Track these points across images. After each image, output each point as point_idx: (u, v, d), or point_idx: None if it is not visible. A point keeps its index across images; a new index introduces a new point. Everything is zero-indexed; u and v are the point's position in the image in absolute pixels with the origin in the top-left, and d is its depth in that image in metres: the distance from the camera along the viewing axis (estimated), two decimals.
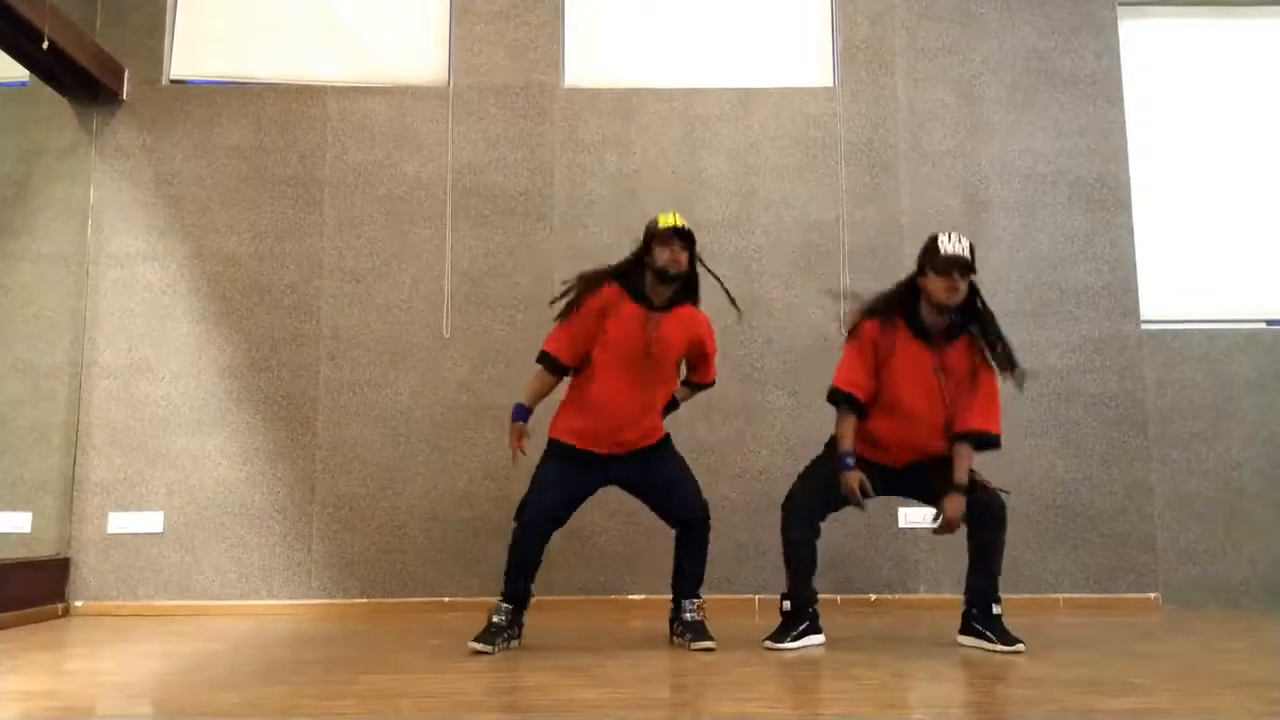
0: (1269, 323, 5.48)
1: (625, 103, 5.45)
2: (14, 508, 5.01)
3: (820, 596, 3.77)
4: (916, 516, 5.02)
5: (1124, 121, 5.51)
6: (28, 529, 4.98)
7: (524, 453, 3.63)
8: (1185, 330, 5.42)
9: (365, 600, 4.99)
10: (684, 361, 3.85)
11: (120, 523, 5.01)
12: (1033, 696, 2.75)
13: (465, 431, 5.14)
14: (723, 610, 4.85)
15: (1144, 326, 5.37)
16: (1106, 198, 5.43)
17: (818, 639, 3.65)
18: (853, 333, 3.71)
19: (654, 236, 3.61)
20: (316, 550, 5.04)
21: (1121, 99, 5.53)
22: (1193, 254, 5.53)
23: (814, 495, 3.70)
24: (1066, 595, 5.07)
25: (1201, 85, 5.67)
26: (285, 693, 2.85)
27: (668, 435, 3.81)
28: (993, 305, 5.24)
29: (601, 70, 5.56)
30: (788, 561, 3.71)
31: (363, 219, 5.31)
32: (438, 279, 5.25)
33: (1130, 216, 5.43)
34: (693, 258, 3.65)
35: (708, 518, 3.76)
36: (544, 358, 3.71)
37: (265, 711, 2.58)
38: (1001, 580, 3.62)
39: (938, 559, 5.04)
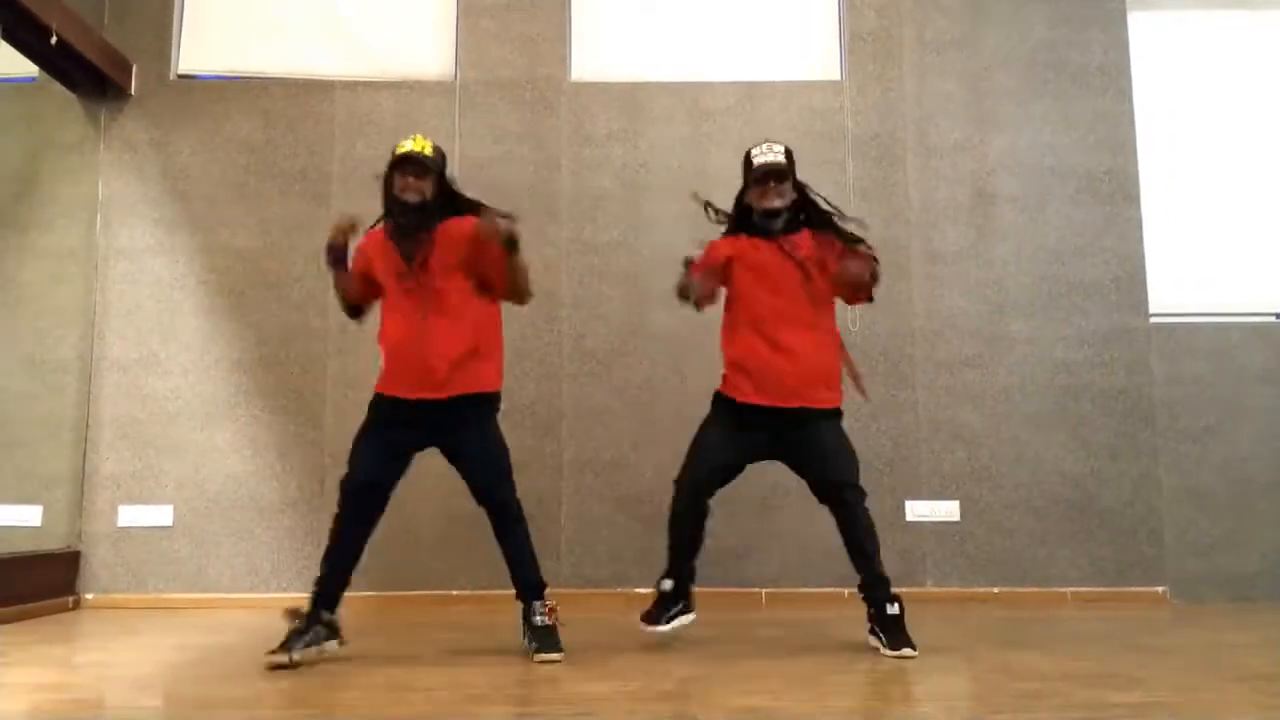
0: (1278, 316, 5.45)
1: (632, 96, 5.45)
2: (24, 501, 5.04)
3: (827, 590, 3.75)
4: (924, 510, 5.03)
5: (1133, 115, 5.48)
6: (38, 522, 5.01)
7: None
8: (1194, 324, 5.40)
9: (374, 593, 5.00)
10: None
11: (130, 516, 5.04)
12: (1040, 690, 2.75)
13: None
14: (729, 604, 4.87)
15: (1153, 320, 5.35)
16: (1115, 191, 5.41)
17: (689, 618, 3.59)
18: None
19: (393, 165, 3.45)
20: (325, 544, 5.04)
21: (1131, 92, 5.50)
22: (1202, 247, 5.51)
23: (698, 465, 3.57)
24: (1074, 589, 5.06)
25: (1211, 78, 5.64)
26: (294, 686, 2.86)
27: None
28: (1000, 298, 5.30)
29: (608, 64, 5.55)
30: (671, 537, 3.59)
31: (370, 213, 5.30)
32: None
33: (1139, 210, 5.41)
34: (441, 180, 3.47)
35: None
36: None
37: (274, 704, 2.60)
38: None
39: (944, 552, 5.05)
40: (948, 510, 5.09)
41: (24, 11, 4.48)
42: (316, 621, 3.31)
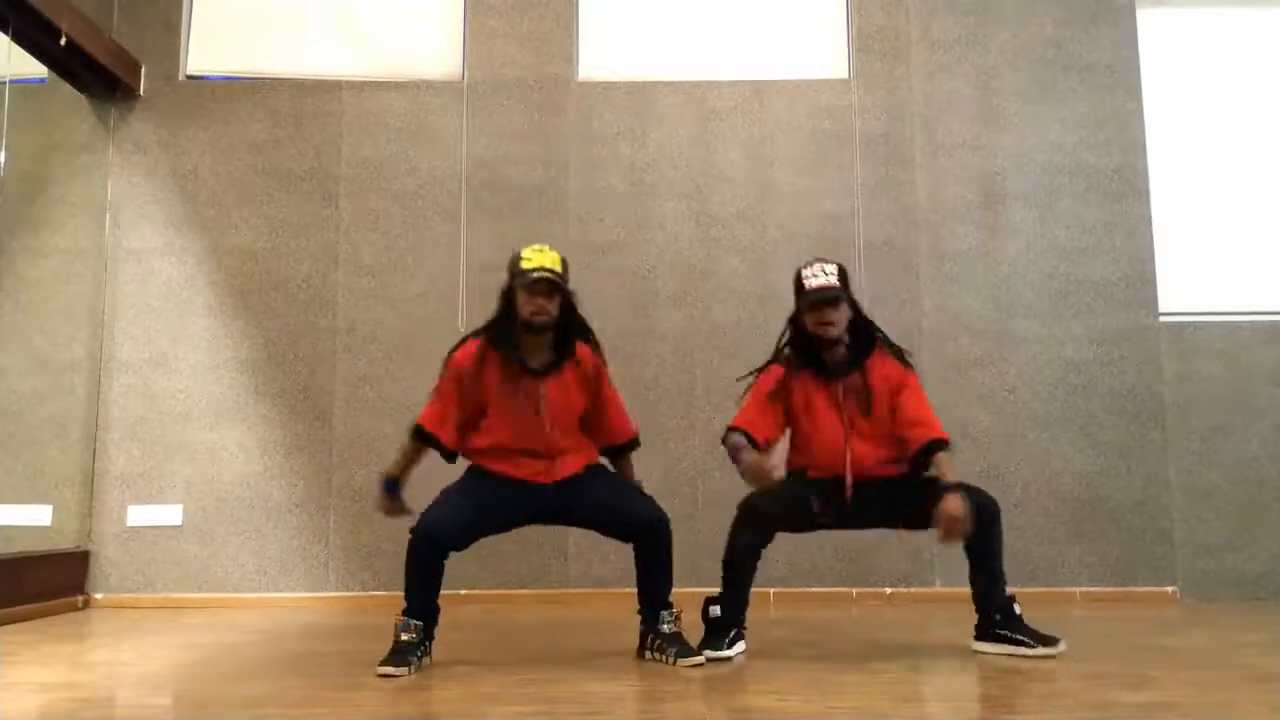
0: None
1: (639, 96, 5.45)
2: (34, 501, 5.05)
3: (836, 590, 3.74)
4: None
5: (1142, 112, 5.46)
6: (48, 522, 5.03)
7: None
8: (1203, 322, 5.37)
9: (383, 593, 5.00)
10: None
11: (139, 516, 5.05)
12: (1049, 690, 2.74)
13: None
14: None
15: (1162, 319, 5.33)
16: (1124, 189, 5.39)
17: (742, 645, 3.43)
18: (758, 373, 3.56)
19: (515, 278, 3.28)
20: (334, 543, 5.07)
21: (1140, 90, 5.48)
22: (1211, 246, 5.48)
23: (778, 505, 3.41)
24: (1084, 589, 5.05)
25: (1220, 76, 5.62)
26: (303, 685, 2.86)
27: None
28: (1009, 297, 5.29)
29: (616, 63, 5.55)
30: (729, 566, 3.45)
31: (378, 213, 5.33)
32: (453, 273, 5.26)
33: (1148, 208, 5.39)
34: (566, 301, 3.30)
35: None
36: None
37: (283, 704, 2.60)
38: (1008, 577, 3.49)
39: (953, 552, 5.02)
40: None
41: (34, 13, 4.50)
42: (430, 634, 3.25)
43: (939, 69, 5.48)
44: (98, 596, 4.98)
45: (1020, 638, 3.30)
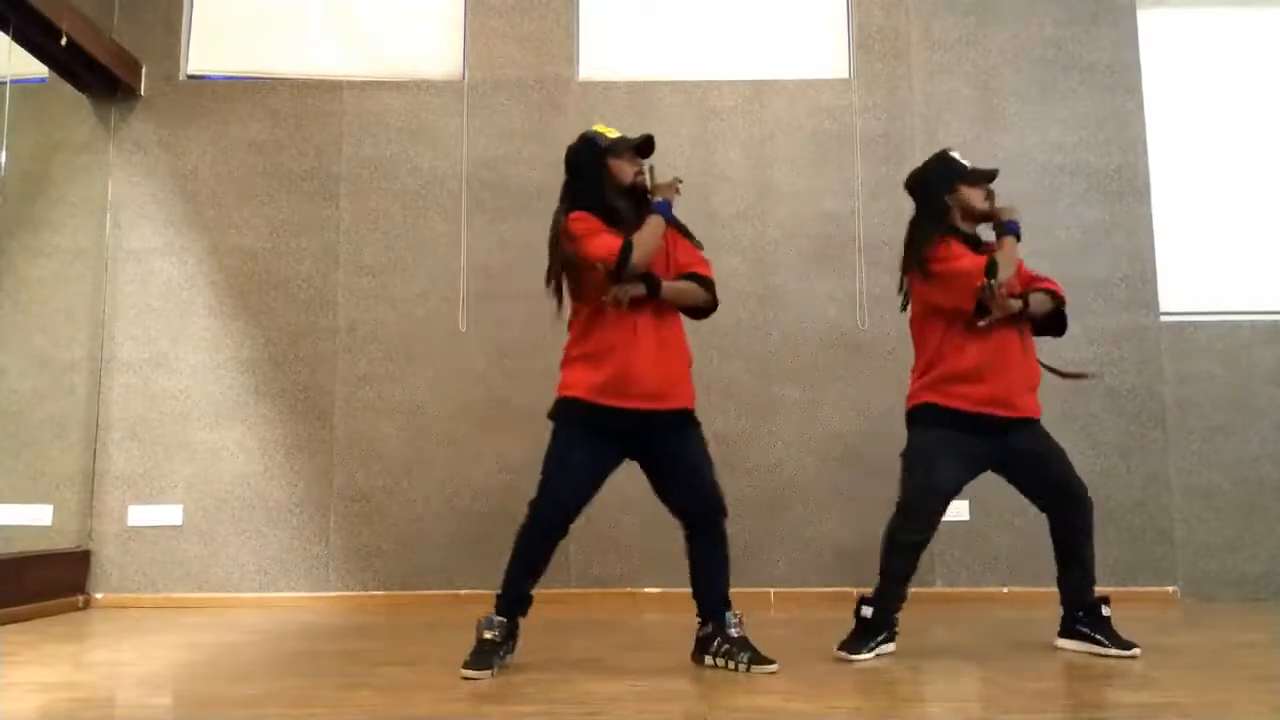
0: None
1: (640, 95, 5.45)
2: (35, 501, 5.06)
3: (835, 590, 3.73)
4: None
5: (1142, 112, 5.46)
6: (48, 522, 5.03)
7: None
8: (1204, 322, 5.37)
9: (383, 593, 5.01)
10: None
11: (140, 516, 5.05)
12: (1050, 689, 2.74)
13: (482, 425, 5.15)
14: (738, 603, 4.85)
15: (1163, 318, 5.33)
16: (1125, 189, 5.39)
17: (890, 647, 3.38)
18: (936, 245, 3.38)
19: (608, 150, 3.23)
20: (334, 543, 5.07)
21: (1140, 89, 5.48)
22: (1212, 245, 5.48)
23: (936, 489, 3.35)
24: None
25: (1220, 75, 5.61)
26: (304, 685, 2.87)
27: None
28: None
29: (616, 63, 5.55)
30: (890, 565, 3.34)
31: (378, 213, 5.33)
32: (453, 273, 5.26)
33: (1149, 208, 5.39)
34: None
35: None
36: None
37: (284, 703, 2.60)
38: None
39: (954, 552, 5.03)
40: (957, 509, 5.06)
41: (34, 13, 4.51)
42: (513, 635, 3.13)
43: (939, 69, 5.48)
44: (98, 596, 4.99)
45: (1100, 638, 3.31)
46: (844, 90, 5.47)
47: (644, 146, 3.29)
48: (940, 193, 3.50)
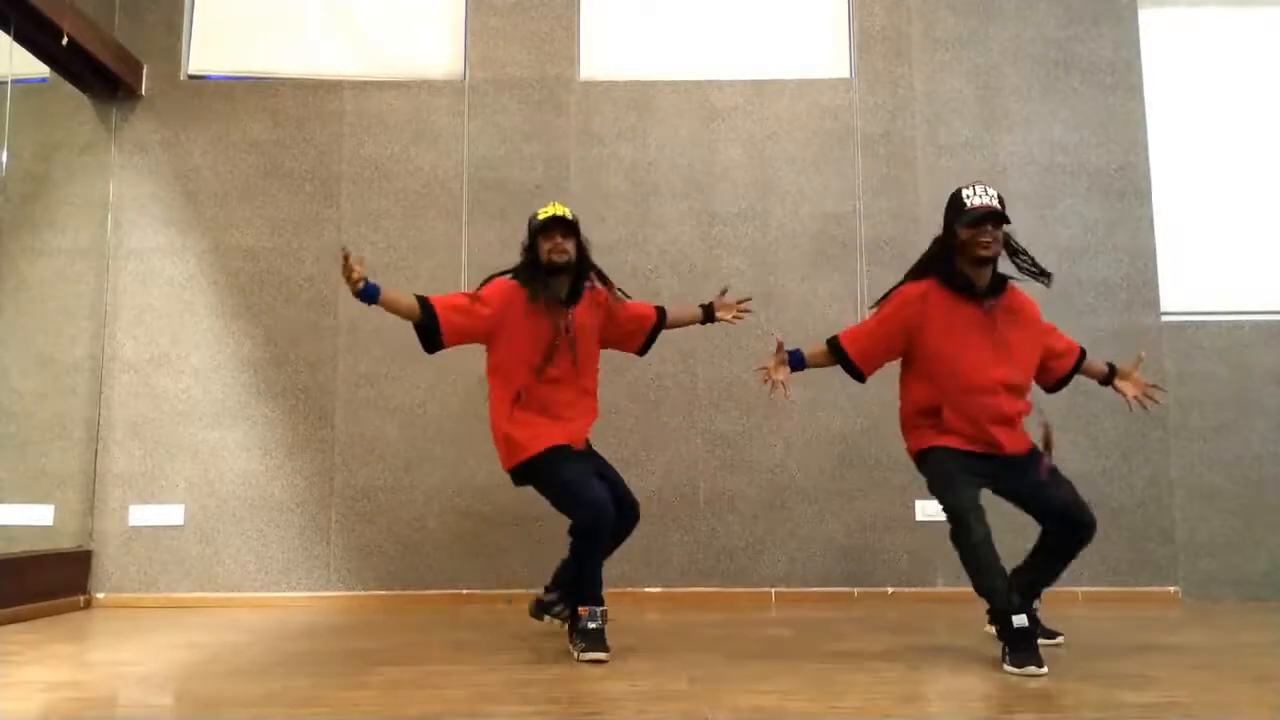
0: None
1: (641, 95, 5.45)
2: (36, 500, 5.06)
3: (837, 590, 3.73)
4: (933, 509, 4.99)
5: (1144, 112, 5.46)
6: (50, 522, 5.03)
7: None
8: (1205, 322, 5.37)
9: (384, 592, 5.01)
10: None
11: (141, 515, 5.06)
12: (1051, 689, 2.74)
13: (482, 425, 5.10)
14: (739, 603, 4.87)
15: (1164, 318, 5.33)
16: (1126, 189, 5.39)
17: (1060, 639, 3.44)
18: (885, 299, 3.53)
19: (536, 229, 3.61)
20: (335, 543, 5.07)
21: (1141, 89, 5.48)
22: (1213, 245, 5.48)
23: (966, 491, 3.37)
24: (1085, 589, 5.04)
25: (1222, 75, 5.61)
26: (305, 684, 2.87)
27: None
28: None
29: (617, 63, 5.55)
30: (981, 571, 3.27)
31: (379, 213, 5.33)
32: (454, 273, 5.26)
33: (1150, 208, 5.39)
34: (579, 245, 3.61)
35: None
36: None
37: (285, 703, 2.60)
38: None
39: (953, 552, 5.02)
40: None
41: (35, 13, 4.51)
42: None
43: (940, 68, 5.48)
44: (99, 596, 4.99)
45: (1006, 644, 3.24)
46: (845, 90, 5.46)
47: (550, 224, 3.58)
48: (947, 231, 3.52)
